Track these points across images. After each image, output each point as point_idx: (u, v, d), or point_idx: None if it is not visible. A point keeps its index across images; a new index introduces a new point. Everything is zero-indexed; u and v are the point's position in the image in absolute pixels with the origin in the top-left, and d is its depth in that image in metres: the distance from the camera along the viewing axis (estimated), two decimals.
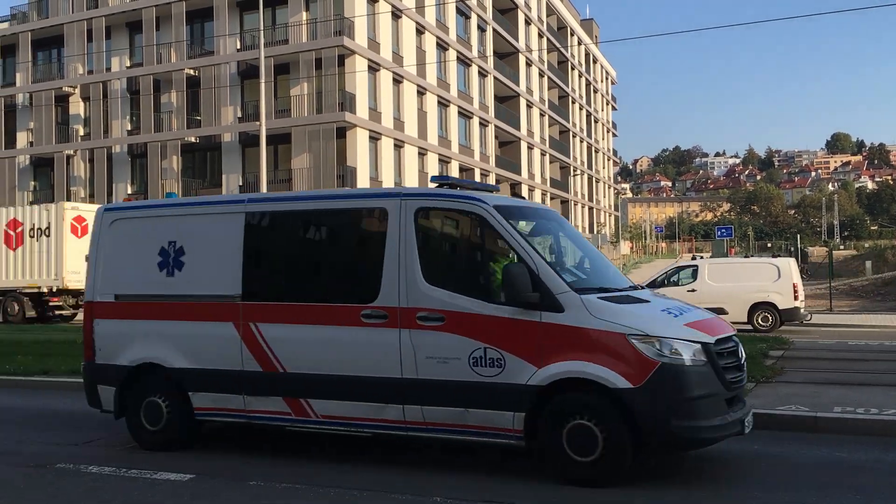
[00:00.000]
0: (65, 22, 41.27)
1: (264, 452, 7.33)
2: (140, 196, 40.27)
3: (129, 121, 41.06)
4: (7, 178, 42.79)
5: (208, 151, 39.93)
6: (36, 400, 10.84)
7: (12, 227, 28.19)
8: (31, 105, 42.61)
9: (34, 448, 7.70)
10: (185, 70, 38.66)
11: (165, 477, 6.42)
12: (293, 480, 6.25)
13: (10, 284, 28.01)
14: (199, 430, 7.56)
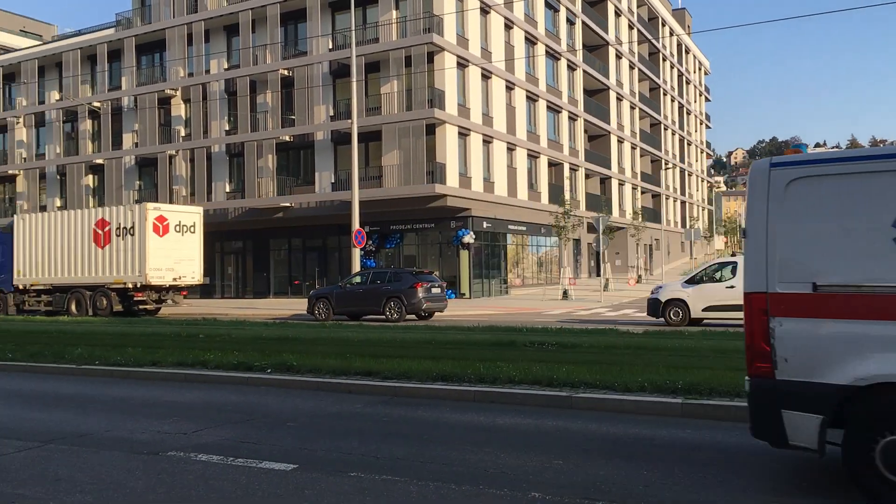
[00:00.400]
0: (166, 27, 42.97)
1: (365, 444, 7.48)
2: (237, 195, 41.62)
3: (227, 121, 42.45)
4: (115, 177, 44.92)
5: (301, 150, 40.89)
6: (145, 390, 11.38)
7: (101, 226, 30.09)
8: (135, 108, 44.58)
9: (146, 436, 8.08)
10: (279, 71, 39.71)
11: (270, 466, 6.64)
12: (393, 473, 6.37)
13: (99, 280, 29.81)
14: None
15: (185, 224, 30.60)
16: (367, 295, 25.77)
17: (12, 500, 5.83)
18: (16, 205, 48.94)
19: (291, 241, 41.99)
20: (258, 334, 17.65)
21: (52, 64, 48.47)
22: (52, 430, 8.49)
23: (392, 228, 38.83)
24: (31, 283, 31.72)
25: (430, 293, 25.45)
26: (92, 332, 19.30)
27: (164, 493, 5.96)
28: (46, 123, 48.50)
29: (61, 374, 13.21)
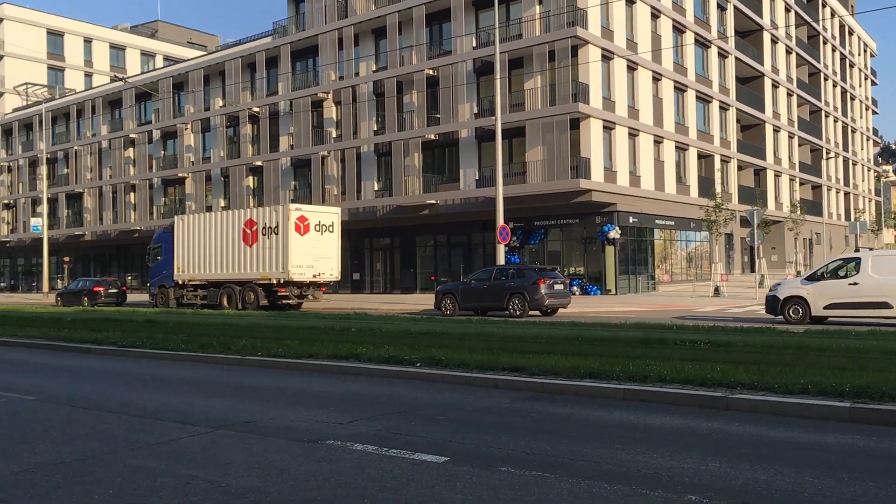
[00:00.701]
0: (319, 33, 44.79)
1: (514, 439, 7.51)
2: (384, 193, 42.79)
3: (375, 121, 43.75)
4: (272, 178, 47.33)
5: (446, 147, 41.51)
6: (303, 380, 11.93)
7: (249, 226, 31.91)
8: (291, 111, 46.76)
9: (305, 425, 8.48)
10: (425, 71, 40.48)
11: (422, 458, 6.81)
12: (543, 469, 6.37)
13: (247, 276, 31.79)
14: None
15: (324, 224, 31.90)
16: (491, 291, 26.16)
17: (187, 480, 6.28)
18: (185, 205, 52.54)
19: (437, 238, 42.75)
20: (407, 329, 18.08)
21: (216, 73, 51.65)
22: (219, 416, 9.07)
23: (536, 224, 38.72)
24: (188, 279, 34.13)
25: (553, 289, 25.45)
26: (255, 325, 20.44)
27: (324, 479, 6.23)
28: (211, 129, 51.75)
29: (227, 364, 14.07)
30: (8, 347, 18.90)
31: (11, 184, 67.86)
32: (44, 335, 19.50)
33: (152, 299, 36.74)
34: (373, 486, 6.02)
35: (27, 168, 65.98)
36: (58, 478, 6.46)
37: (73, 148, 61.36)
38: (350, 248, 46.08)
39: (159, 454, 7.25)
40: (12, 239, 66.60)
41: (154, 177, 55.08)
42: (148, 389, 11.53)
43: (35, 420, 9.22)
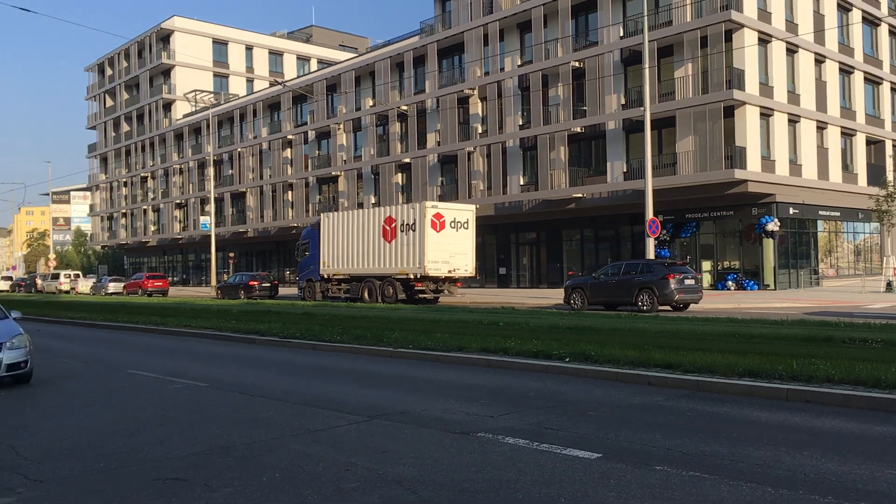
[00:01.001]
0: (465, 30, 45.23)
1: (670, 438, 7.31)
2: (530, 187, 42.68)
3: (520, 116, 43.68)
4: (420, 174, 48.30)
5: (593, 140, 40.85)
6: (452, 373, 12.11)
7: (388, 223, 32.88)
8: (437, 109, 47.52)
9: (457, 417, 8.61)
10: (570, 63, 39.99)
11: (574, 454, 6.75)
12: (701, 470, 6.16)
13: (387, 271, 32.83)
14: None
15: (459, 221, 32.37)
16: (620, 285, 25.98)
17: (346, 467, 6.54)
18: (338, 202, 54.60)
19: (583, 232, 42.19)
20: (555, 324, 17.97)
21: (367, 73, 53.30)
22: (375, 406, 9.38)
23: (687, 217, 37.41)
24: (333, 273, 35.51)
25: (683, 284, 25.07)
26: (405, 319, 20.97)
27: (476, 471, 6.31)
28: (362, 128, 53.47)
29: (380, 356, 14.52)
30: (182, 337, 20.37)
31: (183, 185, 72.97)
32: (213, 326, 20.87)
33: (300, 292, 38.58)
34: (524, 479, 6.03)
35: (196, 169, 70.71)
36: (229, 460, 6.90)
37: (237, 150, 65.16)
38: (496, 242, 46.32)
39: (320, 440, 7.59)
40: (184, 236, 71.60)
41: (309, 175, 57.56)
42: (307, 378, 12.10)
43: (207, 405, 9.89)
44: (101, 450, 7.48)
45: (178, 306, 32.35)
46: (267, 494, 5.82)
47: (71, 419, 9.24)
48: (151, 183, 78.18)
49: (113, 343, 19.50)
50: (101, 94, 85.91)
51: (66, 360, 15.41)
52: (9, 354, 11.64)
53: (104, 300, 45.32)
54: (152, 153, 77.17)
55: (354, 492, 5.83)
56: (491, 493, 5.72)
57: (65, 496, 5.99)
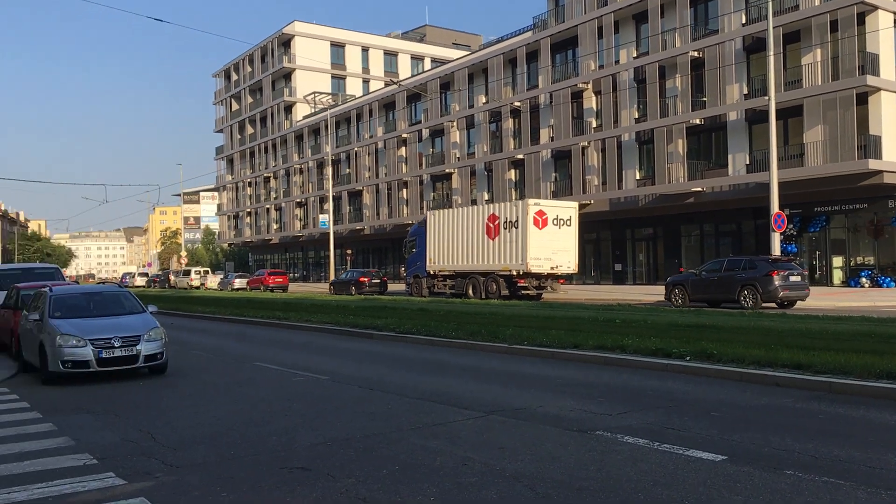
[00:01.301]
0: (578, 23, 44.63)
1: (800, 441, 6.97)
2: (647, 182, 41.70)
3: (636, 109, 42.72)
4: (533, 170, 48.05)
5: (713, 132, 39.47)
6: (567, 370, 11.99)
7: (492, 220, 33.21)
8: (551, 104, 47.11)
9: (574, 414, 8.52)
10: (689, 53, 38.76)
11: (698, 455, 6.55)
12: (835, 475, 5.84)
13: (490, 268, 33.18)
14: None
15: (562, 218, 32.23)
16: (722, 282, 25.43)
17: (464, 462, 6.59)
18: (451, 200, 55.06)
19: (703, 227, 40.84)
20: (674, 321, 17.50)
21: (479, 70, 53.45)
22: (491, 402, 9.40)
23: (816, 210, 35.58)
24: (438, 269, 36.19)
25: (788, 281, 24.23)
26: (519, 315, 20.92)
27: (595, 469, 6.23)
28: (475, 125, 53.67)
29: (494, 352, 14.55)
30: (303, 331, 21.07)
31: (303, 184, 75.43)
32: (332, 321, 21.48)
33: (408, 288, 39.41)
34: (646, 480, 5.90)
35: (315, 169, 72.90)
36: (351, 451, 7.09)
37: (354, 149, 66.75)
38: (611, 238, 45.51)
39: (438, 435, 7.68)
40: (304, 234, 74.00)
41: (423, 173, 58.29)
42: (423, 373, 12.26)
43: (329, 398, 10.19)
44: (231, 438, 7.84)
45: (298, 301, 33.46)
46: (387, 486, 5.94)
47: (203, 408, 9.73)
48: (273, 183, 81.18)
49: (239, 336, 20.39)
50: (227, 98, 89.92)
51: (197, 352, 16.23)
52: (147, 346, 12.38)
53: (230, 295, 47.45)
54: (274, 154, 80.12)
55: (472, 486, 5.87)
56: (610, 493, 5.63)
57: (199, 482, 6.31)
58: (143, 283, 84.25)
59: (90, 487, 6.20)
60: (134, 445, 7.67)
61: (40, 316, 12.83)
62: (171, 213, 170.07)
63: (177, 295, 49.87)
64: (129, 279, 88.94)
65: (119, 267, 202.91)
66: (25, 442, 7.92)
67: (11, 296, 16.75)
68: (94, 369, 12.00)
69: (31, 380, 12.85)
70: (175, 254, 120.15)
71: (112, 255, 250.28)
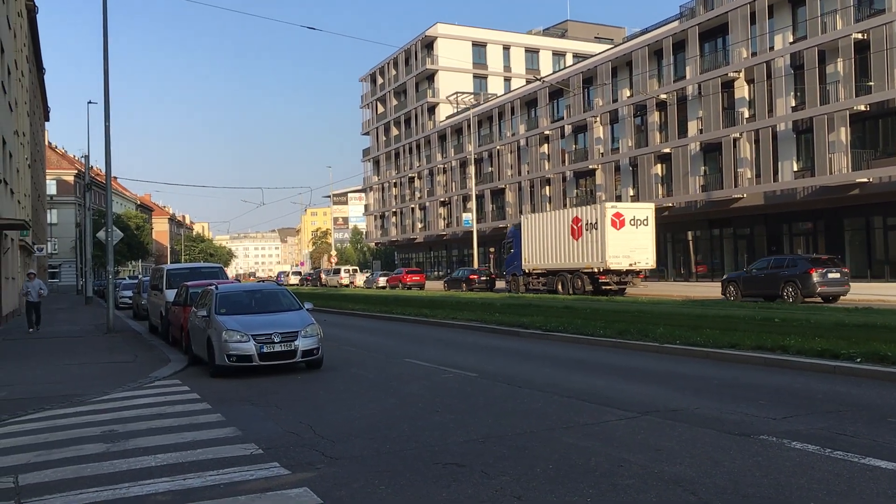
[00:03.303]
0: (729, 10, 42.70)
1: None
2: (805, 173, 39.35)
3: (793, 97, 40.41)
4: (681, 164, 46.45)
5: (880, 118, 36.68)
6: (724, 371, 11.48)
7: (575, 223, 36.41)
8: (699, 95, 45.36)
9: (734, 417, 8.14)
10: (852, 35, 36.21)
11: (875, 464, 6.09)
12: None
13: (575, 266, 36.34)
14: None
15: (639, 218, 35.16)
16: (768, 279, 27.71)
17: (620, 463, 6.44)
18: (595, 196, 54.16)
19: (870, 220, 38.06)
20: (840, 320, 16.42)
21: (623, 64, 52.24)
22: (645, 402, 9.15)
23: None
24: (532, 268, 39.53)
25: (826, 278, 26.34)
26: (668, 313, 20.28)
27: (761, 476, 5.92)
28: (619, 119, 52.52)
29: (644, 351, 14.17)
30: (449, 328, 21.34)
31: (446, 183, 76.47)
32: (478, 318, 21.63)
33: (507, 285, 42.72)
34: (818, 488, 5.55)
35: (458, 168, 73.71)
36: (503, 449, 7.09)
37: (496, 147, 66.94)
38: (765, 233, 43.29)
39: (591, 434, 7.55)
40: (447, 232, 75.02)
41: (566, 170, 57.61)
42: (571, 371, 12.11)
43: (479, 395, 10.25)
44: (386, 432, 8.04)
45: (444, 299, 33.96)
46: (542, 486, 5.89)
47: (357, 402, 10.04)
48: (418, 183, 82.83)
49: (387, 333, 20.92)
50: (373, 101, 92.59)
51: (349, 348, 16.78)
52: (304, 342, 12.91)
53: (378, 293, 48.84)
54: (418, 154, 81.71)
55: (630, 489, 5.72)
56: (779, 501, 5.33)
57: (357, 473, 6.50)
58: (296, 281, 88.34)
59: (257, 476, 6.51)
60: (295, 437, 8.00)
61: (207, 312, 13.63)
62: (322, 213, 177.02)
63: (328, 292, 51.84)
64: (284, 277, 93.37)
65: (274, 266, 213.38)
66: (197, 431, 8.44)
67: (181, 293, 17.80)
68: (256, 363, 12.62)
69: (199, 372, 13.69)
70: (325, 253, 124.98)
71: (268, 254, 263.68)
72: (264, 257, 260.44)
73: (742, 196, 42.31)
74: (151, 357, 16.16)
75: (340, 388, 11.38)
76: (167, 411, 9.79)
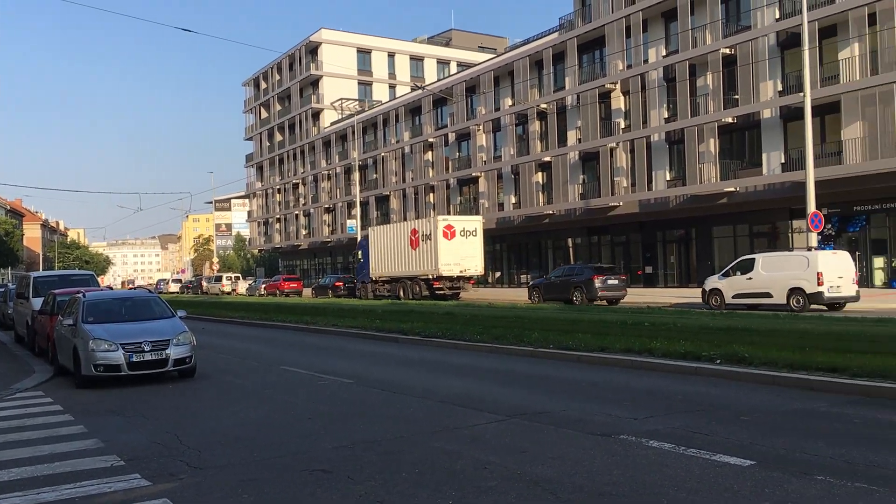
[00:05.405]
0: (605, 23, 44.23)
1: (833, 446, 6.74)
2: (677, 182, 41.21)
3: (665, 108, 42.26)
4: (560, 173, 47.71)
5: (746, 131, 38.87)
6: (593, 373, 11.81)
7: (413, 234, 40.20)
8: (578, 105, 46.77)
9: (599, 418, 8.36)
10: (720, 50, 38.18)
11: (724, 460, 6.36)
12: (869, 481, 5.62)
13: (413, 273, 40.09)
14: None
15: (468, 230, 39.09)
16: (563, 284, 32.07)
17: (485, 465, 6.47)
18: (478, 203, 54.90)
19: (736, 228, 40.23)
20: (705, 324, 17.20)
21: (505, 73, 53.25)
22: (515, 405, 9.27)
23: (856, 210, 34.83)
24: (378, 276, 43.07)
25: (606, 284, 30.85)
26: (546, 318, 20.73)
27: (619, 474, 6.07)
28: (502, 128, 53.46)
29: (520, 355, 14.39)
30: (330, 335, 21.08)
31: (331, 190, 75.69)
32: (359, 325, 21.46)
33: (357, 293, 45.92)
34: (671, 485, 5.73)
35: (343, 175, 73.10)
36: (372, 454, 7.01)
37: (381, 154, 66.81)
38: (640, 241, 45.04)
39: (459, 438, 7.57)
40: (332, 239, 74.25)
41: (450, 177, 58.11)
42: (448, 377, 12.16)
43: (353, 401, 10.13)
44: (255, 441, 7.82)
45: (326, 306, 33.57)
46: (407, 490, 5.85)
47: (229, 411, 9.74)
48: (302, 189, 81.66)
49: (266, 340, 20.45)
50: (256, 106, 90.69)
51: (226, 356, 16.29)
52: (175, 350, 12.46)
53: (259, 300, 47.80)
54: (303, 160, 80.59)
55: (492, 490, 5.75)
56: (634, 498, 5.47)
57: (222, 483, 6.30)
58: (176, 288, 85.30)
59: (116, 488, 6.27)
60: (160, 447, 7.71)
61: (74, 321, 12.99)
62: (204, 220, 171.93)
63: (208, 300, 50.38)
64: (164, 285, 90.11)
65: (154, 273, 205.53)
66: (57, 444, 8.05)
67: (48, 302, 17.03)
68: (126, 373, 12.14)
69: (65, 383, 13.00)
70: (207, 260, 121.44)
71: (148, 261, 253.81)
72: (144, 264, 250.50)
73: (619, 204, 43.84)
74: (14, 368, 15.23)
75: (212, 397, 11.03)
76: (27, 424, 9.30)
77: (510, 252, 55.46)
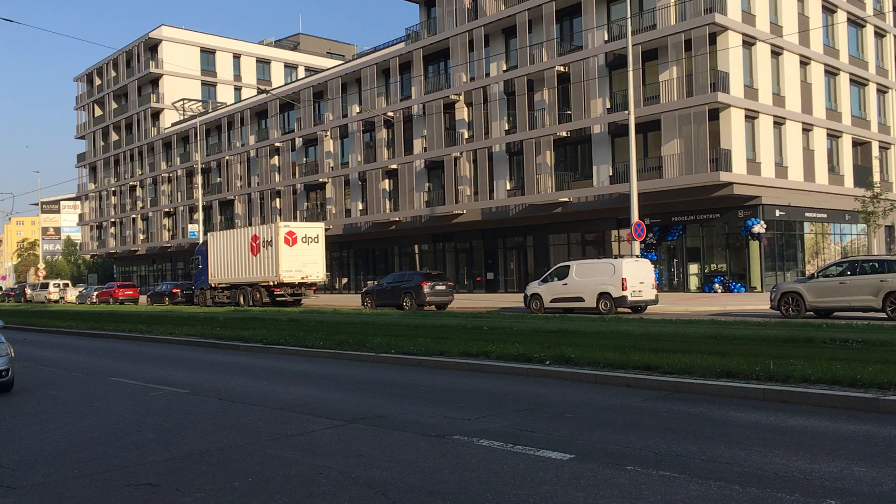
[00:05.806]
0: (450, 36, 45.32)
1: (643, 438, 7.34)
2: (517, 192, 42.79)
3: (506, 121, 43.79)
4: (406, 180, 48.32)
5: (579, 144, 40.98)
6: (433, 377, 12.12)
7: (254, 240, 39.76)
8: (424, 114, 47.58)
9: (434, 420, 8.63)
10: (555, 67, 40.12)
11: (546, 455, 6.78)
12: (671, 469, 6.20)
13: (254, 280, 39.75)
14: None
15: (310, 236, 38.89)
16: (394, 290, 32.84)
17: (319, 471, 6.55)
18: (325, 209, 54.54)
19: (570, 236, 42.29)
20: (539, 328, 18.02)
21: (353, 80, 53.33)
22: (354, 410, 9.39)
23: (674, 220, 37.56)
24: (218, 282, 42.60)
25: (434, 289, 31.98)
26: (390, 324, 20.97)
27: (449, 473, 6.33)
28: (349, 135, 53.48)
29: (362, 361, 14.53)
30: (167, 344, 20.30)
31: (171, 193, 72.75)
32: (198, 333, 20.82)
33: (196, 300, 45.44)
34: (496, 481, 6.06)
35: (185, 178, 70.50)
36: (203, 465, 6.90)
37: (225, 158, 65.00)
38: (483, 248, 46.37)
39: (296, 445, 7.60)
40: (173, 244, 71.39)
41: (297, 183, 57.47)
42: (288, 384, 12.09)
43: (186, 412, 9.87)
44: (76, 456, 7.47)
45: (164, 314, 32.27)
46: (238, 499, 5.82)
47: (50, 426, 9.22)
48: (140, 192, 77.96)
49: (98, 351, 19.43)
50: (89, 103, 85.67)
51: (50, 369, 15.34)
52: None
53: (91, 309, 45.21)
54: (141, 162, 76.97)
55: (325, 495, 5.84)
56: (461, 495, 5.74)
57: (38, 502, 5.98)
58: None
59: None
60: None
61: None
62: (29, 222, 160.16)
63: (32, 309, 47.02)
64: None
65: None
66: None
67: None
68: None
69: None
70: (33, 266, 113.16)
71: None
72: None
73: (462, 212, 44.94)
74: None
75: (32, 412, 10.38)
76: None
77: (357, 258, 55.45)
